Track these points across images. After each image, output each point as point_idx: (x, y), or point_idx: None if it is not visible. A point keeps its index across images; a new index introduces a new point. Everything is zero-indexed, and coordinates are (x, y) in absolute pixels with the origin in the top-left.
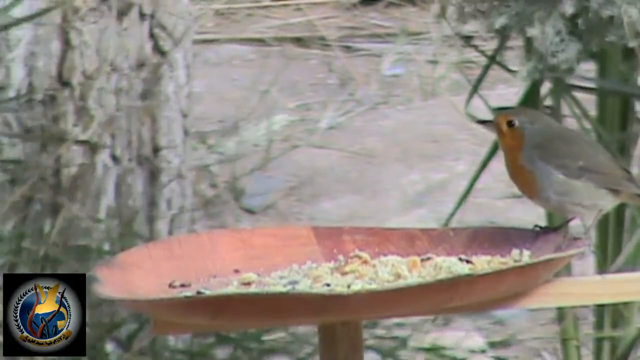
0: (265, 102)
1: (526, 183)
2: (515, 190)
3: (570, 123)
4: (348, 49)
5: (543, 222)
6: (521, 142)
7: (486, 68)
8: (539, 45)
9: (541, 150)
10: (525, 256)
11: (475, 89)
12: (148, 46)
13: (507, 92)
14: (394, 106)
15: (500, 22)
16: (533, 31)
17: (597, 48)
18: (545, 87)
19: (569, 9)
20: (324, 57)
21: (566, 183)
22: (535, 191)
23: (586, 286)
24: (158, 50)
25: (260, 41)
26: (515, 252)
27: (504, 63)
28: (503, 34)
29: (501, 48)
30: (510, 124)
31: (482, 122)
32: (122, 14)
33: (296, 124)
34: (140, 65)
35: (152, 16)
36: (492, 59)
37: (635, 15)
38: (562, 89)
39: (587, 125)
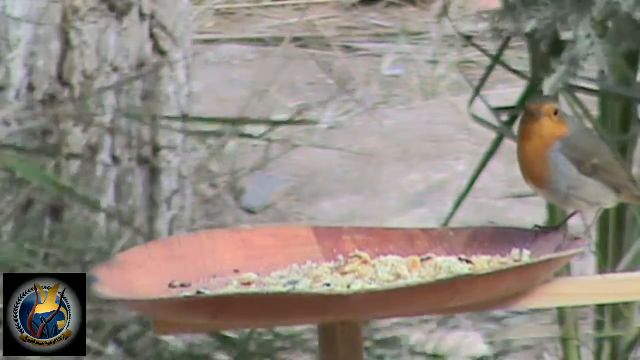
0: (265, 102)
1: (540, 171)
2: (515, 190)
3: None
4: (348, 49)
5: (543, 222)
6: (564, 132)
7: (490, 68)
8: (571, 50)
9: (565, 143)
10: (526, 256)
11: (478, 89)
12: (148, 46)
13: (507, 92)
14: (394, 106)
15: (530, 25)
16: (567, 35)
17: (626, 51)
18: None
19: (599, 12)
20: (324, 57)
21: (579, 179)
22: (546, 181)
23: (587, 286)
24: (158, 50)
25: (260, 41)
26: (515, 252)
27: (506, 63)
28: (533, 38)
29: (504, 48)
30: (556, 112)
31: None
32: (122, 14)
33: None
34: (140, 65)
35: (152, 16)
36: (496, 59)
37: None
38: (564, 89)
39: (589, 125)
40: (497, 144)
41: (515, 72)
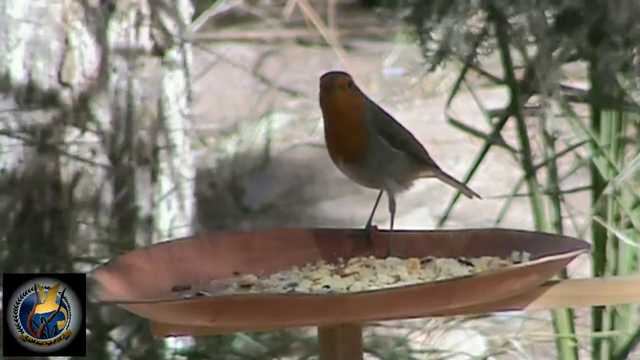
0: (265, 102)
1: (357, 145)
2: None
3: (565, 123)
4: (348, 49)
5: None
6: (361, 104)
7: (463, 72)
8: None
9: (371, 116)
10: (525, 258)
11: (453, 93)
12: (148, 46)
13: (506, 91)
14: (394, 106)
15: (405, 12)
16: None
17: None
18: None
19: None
20: (324, 57)
21: (391, 152)
22: (361, 156)
23: (585, 288)
24: (158, 50)
25: (260, 41)
26: (515, 253)
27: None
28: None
29: (475, 52)
30: (350, 84)
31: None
32: (122, 13)
33: (296, 124)
34: (140, 65)
35: (152, 16)
36: (468, 64)
37: None
38: (554, 97)
39: (584, 125)
40: (486, 149)
41: (486, 75)
